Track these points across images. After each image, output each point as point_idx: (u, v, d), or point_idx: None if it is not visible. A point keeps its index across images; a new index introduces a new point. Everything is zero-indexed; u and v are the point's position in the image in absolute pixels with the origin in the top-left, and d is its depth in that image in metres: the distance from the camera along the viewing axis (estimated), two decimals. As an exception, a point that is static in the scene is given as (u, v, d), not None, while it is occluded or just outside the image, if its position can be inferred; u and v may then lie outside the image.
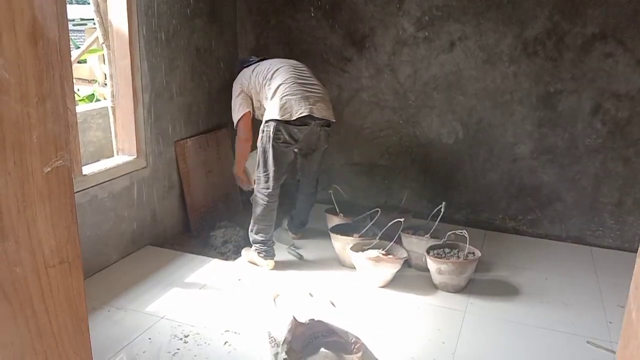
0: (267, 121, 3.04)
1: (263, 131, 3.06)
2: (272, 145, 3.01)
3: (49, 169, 0.69)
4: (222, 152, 3.92)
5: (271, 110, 3.03)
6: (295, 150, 3.18)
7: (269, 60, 3.33)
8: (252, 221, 3.19)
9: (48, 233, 0.71)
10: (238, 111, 3.31)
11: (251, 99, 3.31)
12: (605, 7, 3.20)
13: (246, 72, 3.34)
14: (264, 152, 3.06)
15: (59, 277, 0.74)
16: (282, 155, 3.05)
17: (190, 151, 3.61)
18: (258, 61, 3.38)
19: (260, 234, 3.13)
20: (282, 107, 2.97)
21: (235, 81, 3.40)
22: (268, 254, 3.13)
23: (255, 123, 3.34)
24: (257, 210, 3.14)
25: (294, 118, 2.95)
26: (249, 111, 3.31)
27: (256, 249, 3.15)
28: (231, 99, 3.39)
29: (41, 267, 0.71)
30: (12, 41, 0.64)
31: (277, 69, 3.15)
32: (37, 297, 0.70)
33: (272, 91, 3.07)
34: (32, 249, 0.69)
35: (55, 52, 0.70)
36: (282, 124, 2.97)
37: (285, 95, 3.00)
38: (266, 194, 3.09)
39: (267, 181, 3.08)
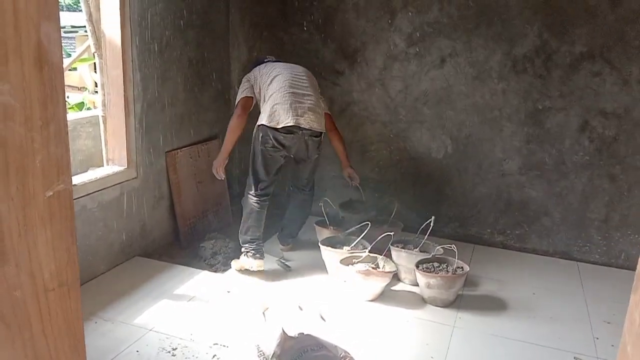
0: (258, 125, 3.18)
1: (254, 133, 3.22)
2: (261, 149, 3.16)
3: (51, 192, 0.69)
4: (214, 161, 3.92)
5: (262, 116, 3.17)
6: (285, 155, 3.23)
7: (279, 63, 3.37)
8: (242, 222, 3.29)
9: (48, 256, 0.71)
10: (241, 94, 3.35)
11: (254, 92, 3.35)
12: (593, 26, 3.26)
13: (257, 69, 3.38)
14: (254, 154, 3.22)
15: (58, 300, 0.74)
16: (270, 159, 3.18)
17: (181, 162, 3.60)
18: (273, 61, 3.43)
19: (249, 234, 3.23)
20: (271, 115, 3.11)
21: (245, 76, 3.44)
22: (257, 252, 3.21)
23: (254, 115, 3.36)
24: (247, 210, 3.26)
25: (280, 126, 3.08)
26: (252, 97, 3.34)
27: (245, 249, 3.22)
28: (222, 109, 3.41)
29: (41, 291, 0.71)
30: (18, 66, 0.65)
31: (276, 76, 3.23)
32: (36, 321, 0.70)
33: (267, 96, 3.20)
34: (32, 273, 0.69)
35: (60, 76, 0.70)
36: (270, 130, 3.11)
37: (276, 104, 3.12)
38: (255, 194, 3.22)
39: (256, 183, 3.22)
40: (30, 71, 0.66)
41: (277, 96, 3.14)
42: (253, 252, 3.19)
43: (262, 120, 3.14)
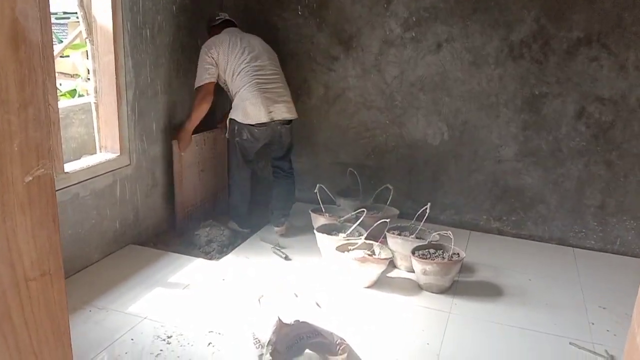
0: (230, 119, 3.37)
1: (228, 125, 3.42)
2: (237, 141, 3.40)
3: (31, 178, 0.67)
4: (219, 149, 3.93)
5: (235, 111, 3.34)
6: (259, 144, 3.43)
7: (237, 43, 3.34)
8: (229, 192, 3.68)
9: (29, 245, 0.68)
10: (201, 79, 3.36)
11: (218, 72, 3.38)
12: (590, 12, 3.23)
13: (214, 48, 3.33)
14: (231, 144, 3.48)
15: (40, 290, 0.71)
16: (246, 149, 3.43)
17: (188, 149, 3.58)
18: (229, 32, 3.40)
19: (235, 201, 3.59)
20: (244, 113, 3.28)
21: (205, 46, 3.38)
22: (242, 221, 3.58)
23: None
24: (231, 181, 3.61)
25: (253, 124, 3.29)
26: (213, 82, 3.37)
27: (232, 217, 3.61)
28: (215, 96, 3.42)
29: (21, 281, 0.68)
30: (-8, 45, 0.61)
31: (240, 72, 3.29)
32: (17, 312, 0.68)
33: (233, 90, 3.36)
34: (12, 262, 0.66)
35: (38, 56, 0.67)
36: (244, 126, 3.31)
37: (247, 101, 3.27)
38: (237, 169, 3.52)
39: (237, 164, 3.50)
40: (5, 50, 0.62)
41: (245, 94, 3.27)
42: (238, 220, 3.59)
43: (236, 116, 3.31)
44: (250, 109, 3.26)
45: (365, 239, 3.08)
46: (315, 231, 3.26)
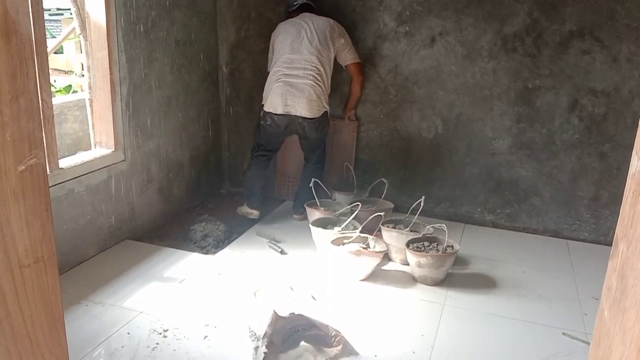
0: (262, 103, 3.52)
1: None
2: (262, 124, 3.52)
3: (23, 167, 0.68)
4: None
5: (264, 95, 3.48)
6: (283, 133, 3.53)
7: (294, 28, 3.43)
8: (247, 169, 3.80)
9: (22, 232, 0.70)
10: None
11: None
12: (583, 4, 3.24)
13: (276, 31, 3.53)
14: (258, 124, 3.62)
15: (34, 276, 0.72)
16: (270, 134, 3.54)
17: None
18: (301, 8, 3.55)
19: (248, 183, 3.68)
20: (267, 99, 3.41)
21: (280, 25, 3.54)
22: (252, 202, 3.65)
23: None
24: (251, 159, 3.72)
25: (273, 112, 3.40)
26: None
27: (244, 197, 3.70)
28: (211, 91, 3.48)
29: (15, 267, 0.70)
30: (-17, 37, 0.62)
31: (277, 60, 3.43)
32: (11, 298, 0.69)
33: (269, 74, 3.48)
34: (6, 249, 0.68)
35: (30, 47, 0.68)
36: (267, 112, 3.43)
37: (270, 89, 3.39)
38: (254, 155, 3.67)
39: (257, 145, 3.64)
40: (-4, 42, 0.63)
41: (271, 82, 3.41)
42: (248, 200, 3.65)
43: (264, 101, 3.48)
44: (271, 97, 3.39)
45: (360, 232, 3.09)
46: (310, 225, 3.27)
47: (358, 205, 3.21)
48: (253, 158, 3.69)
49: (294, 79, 3.35)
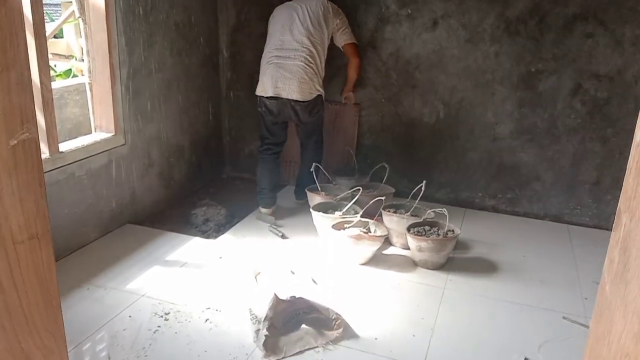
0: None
1: None
2: (258, 111, 3.46)
3: (15, 141, 0.67)
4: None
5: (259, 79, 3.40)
6: (276, 119, 3.42)
7: (287, 10, 3.37)
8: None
9: (15, 208, 0.69)
10: None
11: None
12: (587, -14, 3.20)
13: (274, 13, 3.44)
14: (259, 117, 3.54)
15: (28, 253, 0.72)
16: (268, 123, 3.45)
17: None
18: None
19: (258, 181, 3.56)
20: (259, 82, 3.35)
21: (276, 8, 3.46)
22: (262, 201, 3.53)
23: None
24: (258, 161, 3.61)
25: (264, 96, 3.33)
26: None
27: (257, 198, 3.58)
28: (211, 75, 3.44)
29: (9, 244, 0.69)
30: (-29, 8, 0.61)
31: (269, 42, 3.37)
32: (5, 274, 0.69)
33: (262, 56, 3.42)
34: (-1, 225, 0.67)
35: (20, 19, 0.67)
36: (259, 97, 3.37)
37: (262, 69, 3.34)
38: (260, 150, 3.57)
39: (261, 139, 3.55)
40: (-15, 13, 0.62)
41: (263, 62, 3.36)
42: (258, 200, 3.54)
43: (257, 87, 3.41)
44: (262, 80, 3.34)
45: (361, 217, 3.09)
46: (311, 210, 3.27)
47: (359, 189, 3.20)
48: (259, 154, 3.57)
49: (285, 60, 3.25)
